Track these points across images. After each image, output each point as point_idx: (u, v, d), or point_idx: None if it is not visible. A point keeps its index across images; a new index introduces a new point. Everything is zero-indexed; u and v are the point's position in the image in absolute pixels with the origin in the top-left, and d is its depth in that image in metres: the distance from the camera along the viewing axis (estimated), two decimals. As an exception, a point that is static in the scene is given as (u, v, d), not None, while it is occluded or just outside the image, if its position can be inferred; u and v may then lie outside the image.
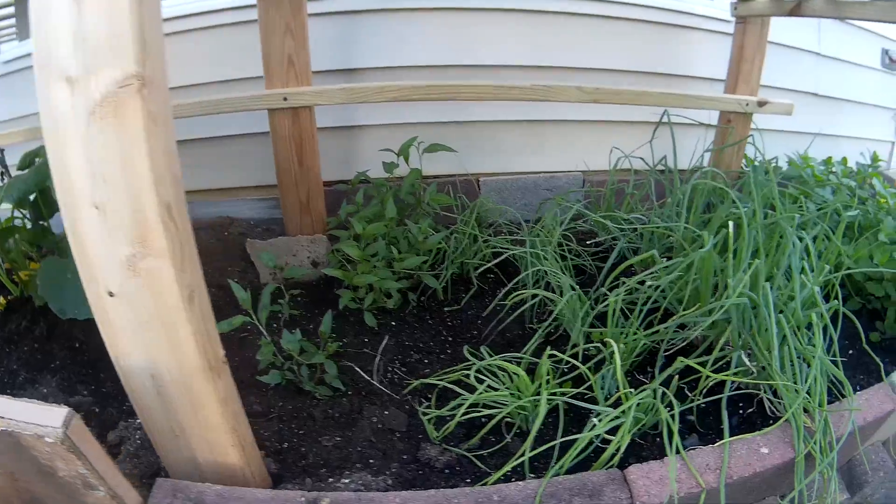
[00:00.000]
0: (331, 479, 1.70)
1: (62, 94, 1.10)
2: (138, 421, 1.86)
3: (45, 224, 2.91)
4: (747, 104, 3.06)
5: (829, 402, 1.82)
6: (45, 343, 2.56)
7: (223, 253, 2.92)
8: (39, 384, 2.30)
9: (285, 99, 2.56)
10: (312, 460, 1.80)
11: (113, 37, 1.05)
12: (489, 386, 1.89)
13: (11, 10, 3.00)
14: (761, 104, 3.07)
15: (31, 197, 2.61)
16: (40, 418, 1.24)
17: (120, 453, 1.82)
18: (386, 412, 1.95)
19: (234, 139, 3.20)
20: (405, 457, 1.81)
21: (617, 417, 1.68)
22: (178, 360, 1.35)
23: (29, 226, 2.82)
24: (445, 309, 2.48)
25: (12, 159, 2.89)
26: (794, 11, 2.89)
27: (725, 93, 3.15)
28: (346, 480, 1.68)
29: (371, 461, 1.79)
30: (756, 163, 3.04)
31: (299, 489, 1.60)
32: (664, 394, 1.77)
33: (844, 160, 3.63)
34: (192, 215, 3.16)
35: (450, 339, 2.32)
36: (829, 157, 3.58)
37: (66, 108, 1.11)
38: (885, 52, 4.42)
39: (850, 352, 2.25)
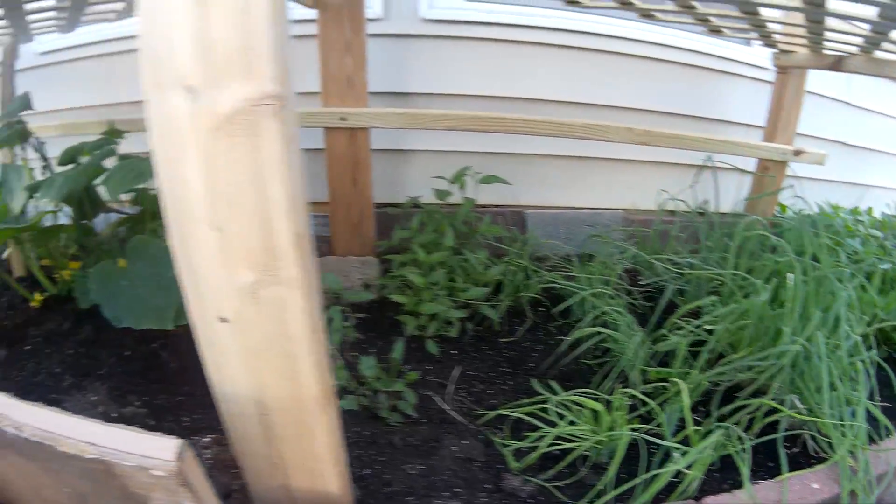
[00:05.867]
0: (421, 507, 1.78)
1: (178, 102, 1.06)
2: (205, 439, 1.95)
3: (89, 224, 3.02)
4: (784, 153, 3.30)
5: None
6: (91, 347, 2.60)
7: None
8: (87, 391, 2.33)
9: (343, 119, 2.70)
10: (397, 487, 1.87)
11: (247, 50, 1.03)
12: (569, 421, 2.03)
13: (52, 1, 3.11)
14: (797, 153, 3.30)
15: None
16: (147, 449, 1.23)
17: (188, 474, 1.91)
18: (464, 441, 2.07)
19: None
20: (488, 486, 1.91)
21: (698, 453, 1.86)
22: (293, 390, 1.35)
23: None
24: (500, 340, 2.63)
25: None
26: (835, 66, 3.12)
27: (764, 140, 3.38)
28: (439, 510, 1.77)
29: (457, 490, 1.88)
30: (790, 211, 3.29)
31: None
32: (730, 432, 1.94)
33: (870, 210, 3.88)
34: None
35: (509, 370, 2.46)
36: (857, 207, 3.83)
37: (183, 119, 1.08)
38: (920, 104, 4.67)
39: (879, 399, 2.45)
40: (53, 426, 1.34)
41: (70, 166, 2.88)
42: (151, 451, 1.23)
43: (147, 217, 2.76)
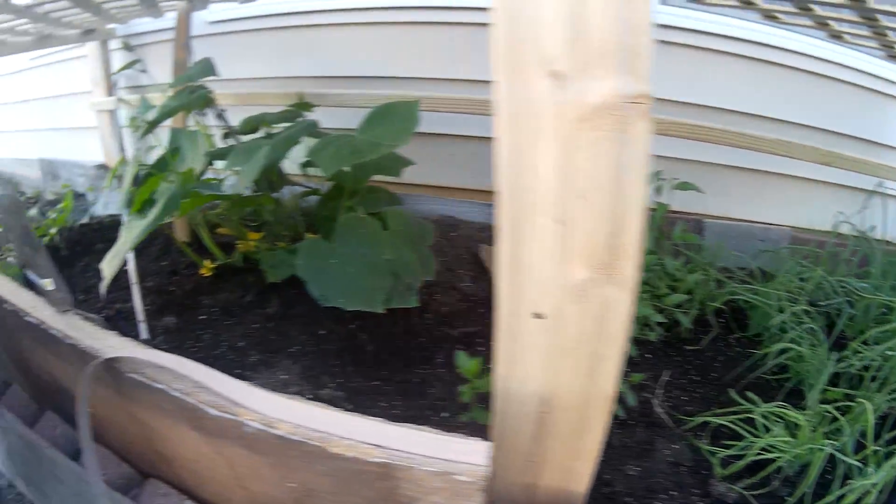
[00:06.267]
0: (645, 510, 1.90)
1: (540, 87, 1.06)
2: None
3: (277, 196, 3.15)
4: (947, 183, 3.38)
5: None
6: (280, 323, 2.62)
7: (452, 254, 3.13)
8: (276, 368, 2.38)
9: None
10: (617, 488, 1.99)
11: (627, 44, 1.02)
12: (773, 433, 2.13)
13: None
14: (956, 184, 3.39)
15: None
16: (454, 453, 1.25)
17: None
18: (674, 446, 2.19)
19: (464, 140, 3.57)
20: (697, 491, 2.04)
21: (891, 468, 1.95)
22: (585, 389, 1.34)
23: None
24: (686, 347, 2.76)
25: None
26: None
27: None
28: (665, 512, 1.90)
29: (672, 493, 2.01)
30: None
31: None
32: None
33: None
34: (417, 211, 3.50)
35: (697, 377, 2.58)
36: None
37: (543, 105, 1.07)
38: None
39: None
40: (323, 425, 1.36)
41: (254, 136, 2.96)
42: (458, 454, 1.25)
43: (346, 194, 2.81)
